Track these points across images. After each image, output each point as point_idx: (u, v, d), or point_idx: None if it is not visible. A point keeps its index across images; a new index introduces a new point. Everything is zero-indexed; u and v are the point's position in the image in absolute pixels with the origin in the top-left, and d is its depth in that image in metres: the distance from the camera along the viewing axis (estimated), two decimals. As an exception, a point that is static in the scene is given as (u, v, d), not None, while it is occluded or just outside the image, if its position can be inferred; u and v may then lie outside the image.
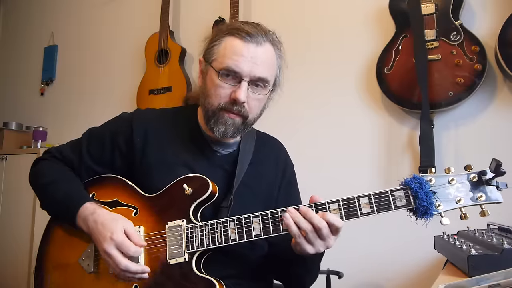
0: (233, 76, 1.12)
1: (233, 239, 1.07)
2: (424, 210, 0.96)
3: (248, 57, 1.12)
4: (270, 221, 1.05)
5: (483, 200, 0.96)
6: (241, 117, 1.16)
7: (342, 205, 1.02)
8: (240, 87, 1.11)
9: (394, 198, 0.99)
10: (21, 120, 3.41)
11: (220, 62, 1.14)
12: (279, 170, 1.34)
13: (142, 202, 1.18)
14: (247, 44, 1.12)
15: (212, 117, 1.16)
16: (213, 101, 1.15)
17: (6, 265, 2.89)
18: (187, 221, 1.12)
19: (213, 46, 1.17)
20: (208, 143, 1.25)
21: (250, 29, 1.14)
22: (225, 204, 1.18)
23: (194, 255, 1.09)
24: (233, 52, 1.12)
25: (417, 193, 0.97)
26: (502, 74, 2.00)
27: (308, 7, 2.53)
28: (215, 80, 1.14)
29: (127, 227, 1.10)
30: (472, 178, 0.98)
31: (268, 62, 1.16)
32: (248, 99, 1.14)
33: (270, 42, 1.16)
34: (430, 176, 0.99)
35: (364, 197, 1.01)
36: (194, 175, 1.16)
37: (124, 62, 3.13)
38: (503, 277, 0.79)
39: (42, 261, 1.25)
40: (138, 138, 1.23)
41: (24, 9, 3.80)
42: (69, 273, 1.19)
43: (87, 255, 1.17)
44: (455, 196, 0.97)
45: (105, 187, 1.24)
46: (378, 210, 0.99)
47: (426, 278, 1.99)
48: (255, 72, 1.12)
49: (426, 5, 2.05)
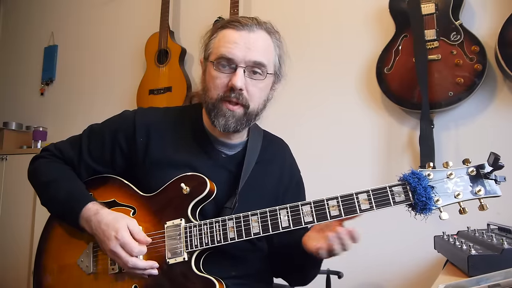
0: (229, 65, 1.12)
1: (232, 237, 1.07)
2: (423, 205, 0.96)
3: (241, 43, 1.11)
4: (269, 219, 1.05)
5: (482, 194, 0.95)
6: (242, 106, 1.14)
7: (341, 202, 1.01)
8: (236, 74, 1.11)
9: (393, 193, 0.99)
10: (21, 120, 3.41)
11: (215, 53, 1.14)
12: (286, 171, 1.33)
13: (140, 202, 1.18)
14: (239, 31, 1.13)
15: (212, 110, 1.15)
16: (212, 93, 1.15)
17: (6, 265, 2.89)
18: (185, 220, 1.11)
19: (209, 42, 1.18)
20: (213, 143, 1.23)
21: (242, 19, 1.14)
22: (229, 205, 1.18)
23: (193, 254, 1.09)
24: (225, 41, 1.13)
25: (415, 188, 0.96)
26: (502, 74, 2.00)
27: (308, 7, 2.53)
28: (212, 72, 1.14)
29: (131, 225, 1.10)
30: (470, 172, 0.97)
31: (263, 47, 1.15)
32: (247, 86, 1.13)
33: (264, 30, 1.16)
34: (428, 171, 0.98)
35: (362, 193, 1.00)
36: (191, 173, 1.15)
37: (124, 62, 3.12)
38: (503, 277, 0.79)
39: (41, 261, 1.25)
40: (141, 138, 1.21)
41: (24, 9, 3.80)
42: (68, 274, 1.19)
43: (86, 256, 1.17)
44: (454, 190, 0.96)
45: (102, 187, 1.24)
46: (377, 206, 0.99)
47: (426, 278, 1.99)
48: (250, 56, 1.11)
49: (426, 5, 2.05)
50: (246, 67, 1.12)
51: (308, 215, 1.03)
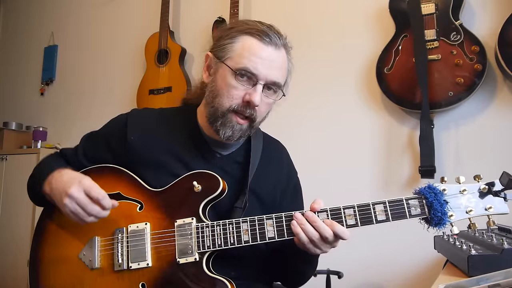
0: (248, 78, 1.10)
1: (246, 240, 1.06)
2: (438, 220, 0.98)
3: (267, 60, 1.10)
4: (284, 224, 1.05)
5: (492, 211, 0.98)
6: (249, 121, 1.14)
7: (357, 211, 1.02)
8: (256, 90, 1.09)
9: (409, 206, 1.01)
10: (21, 120, 3.41)
11: (236, 62, 1.10)
12: (283, 174, 1.33)
13: (147, 196, 1.15)
14: (266, 46, 1.10)
15: (220, 118, 1.13)
16: (224, 101, 1.11)
17: (6, 265, 2.89)
18: (196, 219, 1.10)
19: (228, 44, 1.12)
20: (208, 143, 1.23)
21: (269, 32, 1.11)
22: (240, 205, 1.17)
23: (205, 255, 1.08)
24: (251, 52, 1.09)
25: (432, 203, 0.98)
26: (502, 74, 2.00)
27: (308, 7, 2.53)
28: (229, 79, 1.11)
29: (94, 184, 1.09)
30: (482, 189, 0.99)
31: (283, 67, 1.14)
32: (260, 102, 1.12)
33: (284, 47, 1.15)
34: (443, 186, 1.00)
35: (379, 204, 1.02)
36: (203, 171, 1.13)
37: (124, 62, 3.13)
38: (503, 277, 0.79)
39: (37, 255, 1.19)
40: (132, 137, 1.21)
41: (24, 9, 3.80)
42: (69, 268, 1.15)
43: (89, 250, 1.14)
44: (466, 206, 0.99)
45: (106, 178, 1.20)
46: (393, 218, 1.01)
47: (426, 278, 1.99)
48: (271, 76, 1.11)
49: (426, 5, 2.05)
50: (264, 84, 1.11)
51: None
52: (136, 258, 1.11)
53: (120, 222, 1.14)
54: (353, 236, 1.90)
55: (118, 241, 1.13)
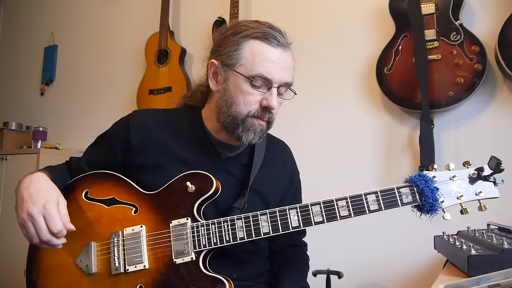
0: (263, 83, 1.11)
1: (241, 237, 1.07)
2: (430, 206, 1.00)
3: (278, 63, 1.11)
4: (279, 218, 1.06)
5: (483, 195, 1.00)
6: (267, 122, 1.16)
7: (350, 202, 1.03)
8: (272, 94, 1.12)
9: (401, 194, 1.03)
10: (21, 120, 3.41)
11: (250, 69, 1.10)
12: (287, 175, 1.33)
13: (141, 199, 1.16)
14: (274, 49, 1.12)
15: (240, 125, 1.13)
16: (241, 108, 1.12)
17: (6, 265, 2.89)
18: (191, 219, 1.10)
19: (236, 51, 1.12)
20: (214, 146, 1.23)
21: (275, 34, 1.12)
22: (238, 205, 1.17)
23: (201, 254, 1.08)
24: (262, 58, 1.10)
25: (423, 190, 1.00)
26: (502, 74, 2.00)
27: (308, 7, 2.52)
28: (243, 87, 1.11)
29: (61, 204, 1.08)
30: (472, 175, 1.02)
31: (292, 67, 1.16)
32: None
33: (288, 44, 1.16)
34: (433, 173, 1.02)
35: (371, 194, 1.03)
36: (196, 171, 1.14)
37: (124, 62, 3.12)
38: (503, 277, 0.79)
39: (34, 261, 1.20)
40: (135, 140, 1.20)
41: (24, 9, 3.80)
42: (66, 275, 1.15)
43: (86, 256, 1.14)
44: (457, 192, 1.01)
45: (100, 183, 1.21)
46: (386, 207, 1.02)
47: (426, 278, 1.99)
48: (284, 78, 1.13)
49: (426, 5, 2.05)
50: (278, 87, 1.13)
51: (318, 215, 1.05)
52: (132, 261, 1.11)
53: (116, 226, 1.15)
54: (354, 236, 1.91)
55: (114, 245, 1.13)
